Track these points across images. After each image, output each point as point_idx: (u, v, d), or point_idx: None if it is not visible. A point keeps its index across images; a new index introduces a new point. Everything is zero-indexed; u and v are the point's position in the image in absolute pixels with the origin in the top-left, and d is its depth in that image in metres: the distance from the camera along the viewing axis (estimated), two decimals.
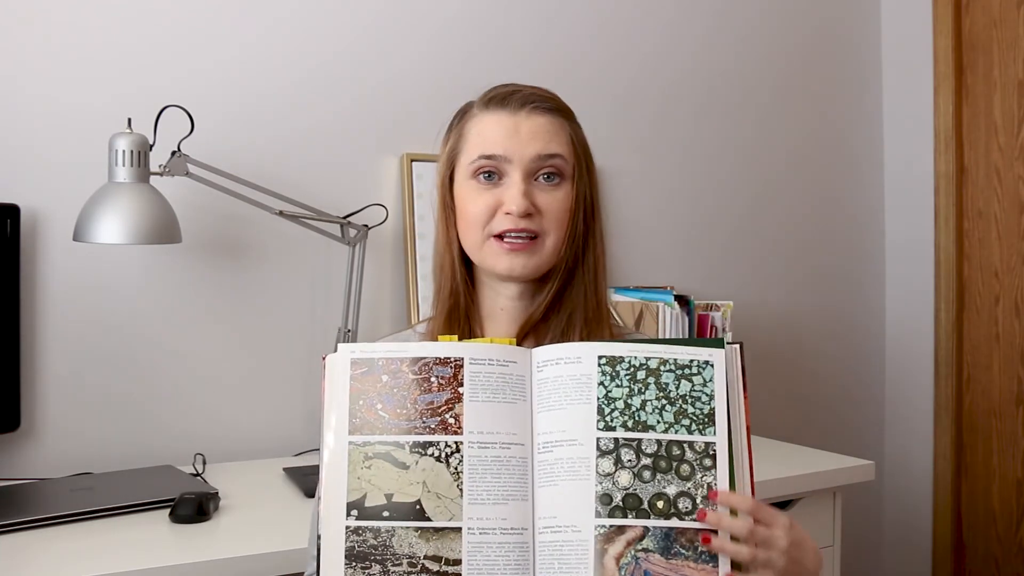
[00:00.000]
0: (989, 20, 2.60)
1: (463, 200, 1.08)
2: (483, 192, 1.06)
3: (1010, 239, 2.57)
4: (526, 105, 1.07)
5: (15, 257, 1.64)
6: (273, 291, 1.96)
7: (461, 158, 1.09)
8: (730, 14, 2.55)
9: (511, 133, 1.06)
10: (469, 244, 1.09)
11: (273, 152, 1.95)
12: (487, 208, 1.06)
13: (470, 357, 0.94)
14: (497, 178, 1.06)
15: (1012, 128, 2.56)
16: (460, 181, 1.09)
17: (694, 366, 0.96)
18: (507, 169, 1.06)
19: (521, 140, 1.06)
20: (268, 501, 1.60)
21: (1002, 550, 2.58)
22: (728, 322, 2.15)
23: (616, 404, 0.94)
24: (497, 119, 1.07)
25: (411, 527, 0.90)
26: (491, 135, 1.06)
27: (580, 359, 0.95)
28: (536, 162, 1.06)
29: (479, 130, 1.08)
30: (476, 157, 1.06)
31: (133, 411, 1.82)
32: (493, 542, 0.90)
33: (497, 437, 0.93)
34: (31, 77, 1.74)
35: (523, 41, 2.24)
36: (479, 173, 1.06)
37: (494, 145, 1.06)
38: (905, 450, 2.80)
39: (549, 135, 1.07)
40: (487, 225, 1.06)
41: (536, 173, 1.06)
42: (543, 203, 1.06)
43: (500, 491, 0.92)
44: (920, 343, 2.75)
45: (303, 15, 1.99)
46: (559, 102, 1.11)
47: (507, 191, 1.05)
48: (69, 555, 1.29)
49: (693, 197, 2.50)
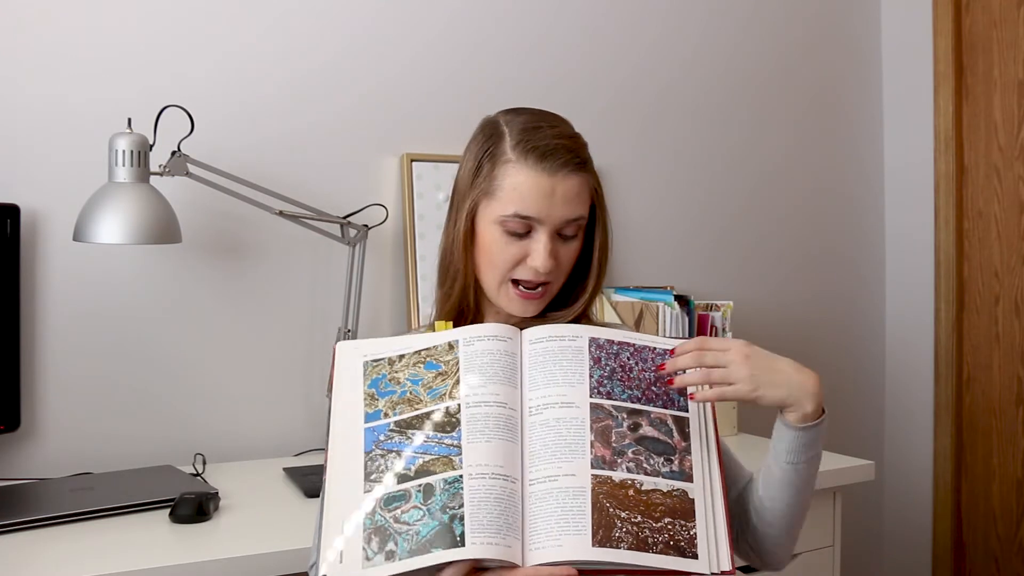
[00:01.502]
0: (989, 20, 2.60)
1: (489, 243, 1.14)
2: (510, 244, 1.13)
3: (1010, 239, 2.57)
4: (564, 168, 1.12)
5: (15, 257, 1.64)
6: (273, 291, 1.96)
7: (494, 204, 1.14)
8: (728, 12, 2.55)
9: (547, 195, 1.11)
10: (487, 281, 1.17)
11: (273, 152, 1.95)
12: (513, 258, 1.13)
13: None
14: (524, 232, 1.13)
15: (1012, 128, 2.56)
16: (487, 220, 1.14)
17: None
18: (536, 227, 1.12)
19: (555, 204, 1.12)
20: (268, 501, 1.60)
21: (1002, 550, 2.58)
22: (728, 322, 2.15)
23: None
24: (536, 180, 1.11)
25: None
26: (528, 195, 1.11)
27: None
28: (563, 225, 1.13)
29: (515, 184, 1.12)
30: (511, 213, 1.12)
31: (133, 411, 1.82)
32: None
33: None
34: (31, 77, 1.74)
35: (521, 41, 2.24)
36: (510, 227, 1.13)
37: (530, 207, 1.11)
38: (905, 450, 2.80)
39: (579, 198, 1.14)
40: (509, 271, 1.14)
41: (560, 231, 1.14)
42: (559, 256, 1.14)
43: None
44: (920, 343, 2.75)
45: (303, 15, 1.99)
46: (585, 152, 1.17)
47: (534, 246, 1.13)
48: (69, 555, 1.29)
49: (693, 198, 2.50)
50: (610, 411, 1.04)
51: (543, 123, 1.15)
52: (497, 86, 2.19)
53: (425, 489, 0.98)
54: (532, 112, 1.19)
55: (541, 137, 1.13)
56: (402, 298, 2.07)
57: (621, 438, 1.03)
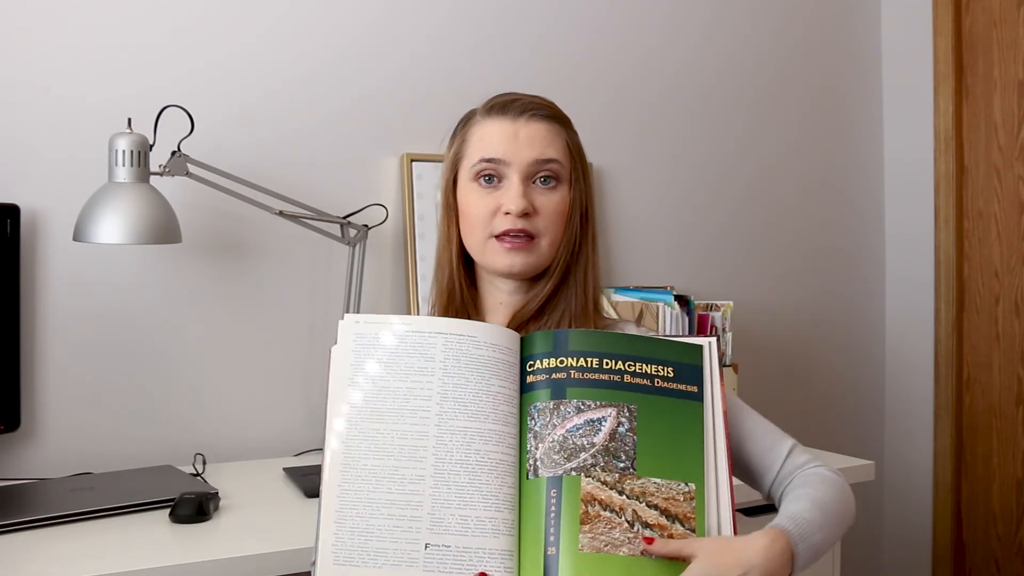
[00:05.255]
0: (989, 20, 2.60)
1: (466, 202, 1.15)
2: (484, 195, 1.13)
3: (1010, 239, 2.57)
4: (525, 112, 1.15)
5: (15, 257, 1.64)
6: (273, 291, 1.96)
7: (464, 162, 1.16)
8: (728, 12, 2.55)
9: (510, 138, 1.13)
10: (472, 244, 1.16)
11: (273, 152, 1.95)
12: (488, 209, 1.13)
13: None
14: (497, 181, 1.14)
15: (1012, 128, 2.56)
16: (463, 184, 1.16)
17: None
18: (506, 172, 1.13)
19: (520, 145, 1.13)
20: (268, 501, 1.60)
21: (1002, 550, 2.58)
22: (728, 322, 2.15)
23: None
24: (498, 125, 1.14)
25: None
26: (492, 140, 1.14)
27: None
28: (534, 166, 1.13)
29: (480, 135, 1.15)
30: (477, 160, 1.14)
31: (133, 411, 1.82)
32: None
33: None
34: (31, 77, 1.74)
35: (521, 41, 2.24)
36: (480, 176, 1.14)
37: (494, 149, 1.13)
38: (905, 450, 2.80)
39: (546, 141, 1.14)
40: (488, 225, 1.13)
41: (534, 176, 1.14)
42: (540, 205, 1.13)
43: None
44: (920, 343, 2.75)
45: (303, 15, 1.99)
46: (556, 110, 1.19)
47: (506, 193, 1.12)
48: (69, 555, 1.29)
49: (693, 198, 2.50)
50: None
51: (512, 92, 1.20)
52: (497, 86, 2.15)
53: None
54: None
55: (507, 98, 1.17)
56: (402, 298, 2.08)
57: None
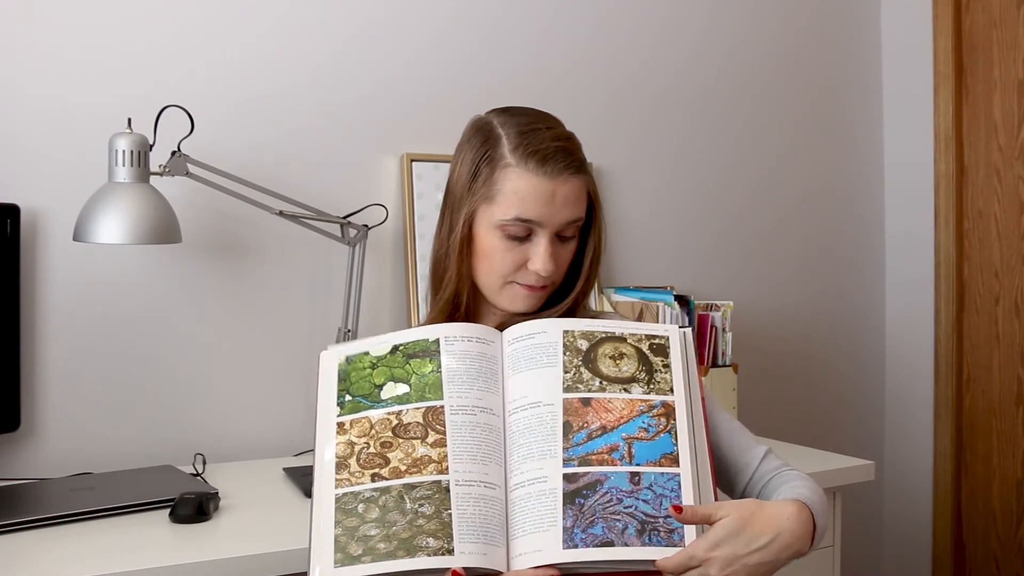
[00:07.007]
0: (989, 20, 2.60)
1: (488, 247, 1.15)
2: (511, 248, 1.14)
3: (1010, 239, 2.57)
4: (563, 171, 1.13)
5: (15, 257, 1.64)
6: (273, 291, 1.96)
7: (494, 208, 1.14)
8: (728, 12, 2.55)
9: (547, 200, 1.12)
10: (486, 283, 1.18)
11: (273, 152, 1.95)
12: (514, 264, 1.15)
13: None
14: (525, 235, 1.14)
15: (1012, 128, 2.56)
16: (487, 227, 1.15)
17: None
18: (537, 230, 1.14)
19: (556, 208, 1.13)
20: (268, 501, 1.60)
21: (1002, 550, 2.58)
22: (728, 322, 2.15)
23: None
24: (536, 183, 1.12)
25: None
26: (529, 199, 1.12)
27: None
28: (563, 227, 1.15)
29: (516, 189, 1.12)
30: (512, 217, 1.13)
31: (133, 411, 1.82)
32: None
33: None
34: (31, 77, 1.74)
35: (521, 41, 2.24)
36: (510, 229, 1.14)
37: (531, 211, 1.12)
38: (905, 450, 2.80)
39: (579, 200, 1.15)
40: (511, 274, 1.16)
41: (559, 233, 1.16)
42: (558, 257, 1.16)
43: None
44: (920, 343, 2.75)
45: (303, 15, 1.99)
46: (581, 153, 1.17)
47: (534, 250, 1.14)
48: (69, 555, 1.29)
49: (693, 198, 2.50)
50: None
51: (539, 125, 1.15)
52: (497, 86, 2.19)
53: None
54: (525, 113, 1.18)
55: (540, 140, 1.13)
56: (402, 298, 2.08)
57: None
